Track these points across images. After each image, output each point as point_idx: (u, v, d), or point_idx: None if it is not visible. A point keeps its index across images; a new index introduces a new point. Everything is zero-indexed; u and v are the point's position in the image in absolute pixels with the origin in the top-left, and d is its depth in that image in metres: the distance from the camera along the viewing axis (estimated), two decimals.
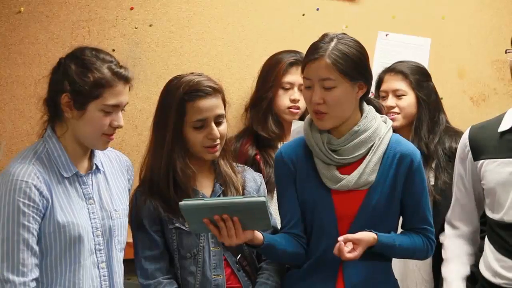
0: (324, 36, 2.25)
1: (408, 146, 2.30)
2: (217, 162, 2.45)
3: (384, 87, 2.94)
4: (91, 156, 2.23)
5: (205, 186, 2.44)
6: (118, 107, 2.15)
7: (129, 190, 2.36)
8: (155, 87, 3.03)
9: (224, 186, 2.43)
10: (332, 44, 2.20)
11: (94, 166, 2.22)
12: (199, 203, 2.11)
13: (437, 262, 2.72)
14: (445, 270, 2.50)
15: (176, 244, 2.37)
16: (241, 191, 2.42)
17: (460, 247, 2.50)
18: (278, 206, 2.39)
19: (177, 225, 2.34)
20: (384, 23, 3.38)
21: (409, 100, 2.89)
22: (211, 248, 2.37)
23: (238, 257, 2.39)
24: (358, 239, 2.17)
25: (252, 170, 2.57)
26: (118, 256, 2.24)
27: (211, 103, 2.36)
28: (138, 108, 3.04)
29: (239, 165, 2.56)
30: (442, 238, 2.57)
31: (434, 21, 3.45)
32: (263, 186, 2.52)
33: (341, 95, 2.21)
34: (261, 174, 2.58)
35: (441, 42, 3.44)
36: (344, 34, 2.27)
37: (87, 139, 2.16)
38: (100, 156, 2.27)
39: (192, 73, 2.44)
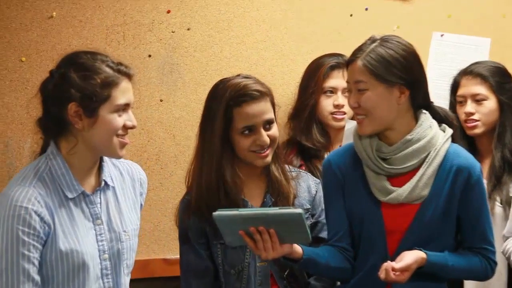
0: (369, 38, 2.30)
1: (467, 158, 2.30)
2: (268, 167, 2.45)
3: (461, 91, 2.91)
4: (99, 172, 2.17)
5: (255, 196, 2.45)
6: (128, 105, 2.12)
7: (141, 205, 2.31)
8: (193, 94, 3.08)
9: (275, 196, 2.43)
10: (372, 46, 2.25)
11: (103, 183, 2.17)
12: (233, 213, 2.12)
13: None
14: None
15: (221, 259, 2.41)
16: (291, 201, 2.43)
17: None
18: (325, 216, 2.42)
19: (222, 241, 2.34)
20: (439, 22, 3.36)
21: (490, 105, 2.86)
22: (257, 264, 2.39)
23: (285, 273, 2.40)
24: (406, 266, 2.17)
25: (310, 176, 2.57)
26: (126, 281, 2.21)
27: (259, 108, 2.38)
28: (176, 117, 3.07)
29: (295, 169, 2.57)
30: (505, 246, 2.53)
31: (494, 19, 3.41)
32: (320, 195, 2.50)
33: (374, 98, 2.24)
34: (319, 181, 2.56)
35: (502, 42, 3.41)
36: (393, 36, 2.31)
37: (104, 147, 2.11)
38: (110, 170, 2.22)
39: (239, 75, 2.46)
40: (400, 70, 2.23)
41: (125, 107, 2.11)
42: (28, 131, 2.88)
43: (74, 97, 2.06)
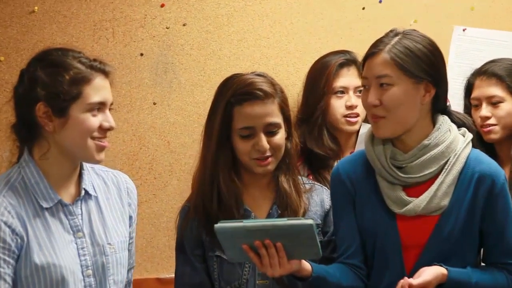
0: (390, 31, 2.28)
1: (490, 165, 2.27)
2: (276, 178, 2.41)
3: (475, 93, 2.83)
4: (80, 180, 2.16)
5: (261, 206, 2.42)
6: (104, 104, 2.09)
7: (130, 217, 2.27)
8: (189, 96, 3.05)
9: (282, 209, 2.40)
10: (396, 38, 2.23)
11: (83, 192, 2.15)
12: (236, 225, 2.10)
13: None
14: None
15: (217, 273, 2.37)
16: (300, 215, 2.38)
17: None
18: (334, 231, 2.38)
19: (218, 253, 2.32)
20: (461, 16, 3.33)
21: (507, 108, 2.77)
22: (257, 282, 2.34)
23: None
24: (425, 282, 2.12)
25: (325, 190, 2.53)
26: None
27: (261, 110, 2.34)
28: (170, 121, 3.04)
29: (309, 181, 2.54)
30: None
31: None
32: None
33: (400, 95, 2.19)
34: None
35: None
36: (415, 30, 2.29)
37: (78, 150, 2.10)
38: (93, 179, 2.20)
39: (253, 72, 2.45)
40: (428, 66, 2.21)
41: (100, 106, 2.09)
42: (7, 138, 2.72)
43: (41, 96, 2.05)
